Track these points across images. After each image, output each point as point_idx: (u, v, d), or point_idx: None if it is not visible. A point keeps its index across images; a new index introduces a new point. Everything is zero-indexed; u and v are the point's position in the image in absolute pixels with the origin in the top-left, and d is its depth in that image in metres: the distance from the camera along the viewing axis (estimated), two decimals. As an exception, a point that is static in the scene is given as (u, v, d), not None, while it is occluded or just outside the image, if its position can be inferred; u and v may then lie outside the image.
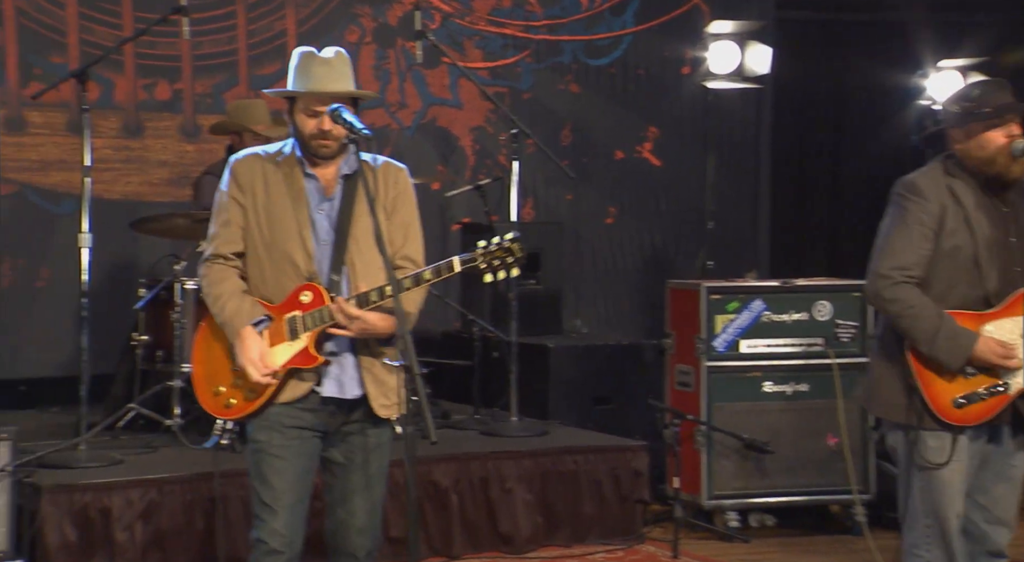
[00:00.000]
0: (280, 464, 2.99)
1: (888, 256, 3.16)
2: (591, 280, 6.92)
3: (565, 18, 6.78)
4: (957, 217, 3.17)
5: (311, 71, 2.99)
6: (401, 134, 6.44)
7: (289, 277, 3.01)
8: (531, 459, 4.69)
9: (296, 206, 3.01)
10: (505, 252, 2.99)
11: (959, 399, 3.14)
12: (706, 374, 4.95)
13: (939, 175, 3.24)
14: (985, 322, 3.20)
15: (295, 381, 3.01)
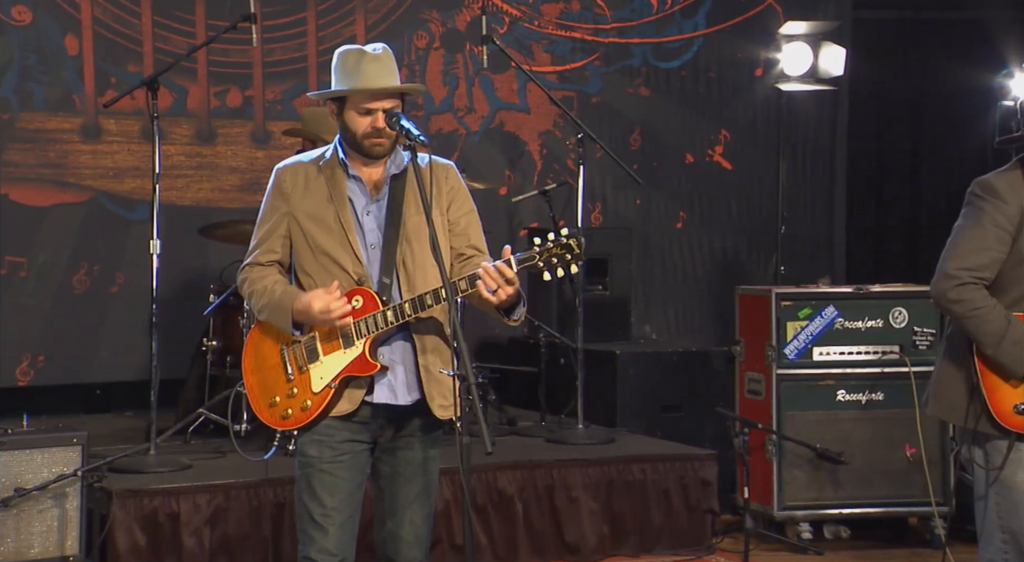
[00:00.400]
0: (331, 480, 2.94)
1: (957, 256, 3.05)
2: (661, 286, 6.84)
3: (635, 21, 6.72)
4: None
5: (361, 68, 2.92)
6: (469, 139, 6.44)
7: (339, 281, 2.93)
8: (597, 467, 4.64)
9: (340, 209, 2.96)
10: (564, 249, 2.85)
11: (1020, 406, 3.03)
12: (776, 382, 4.85)
13: (1019, 176, 3.11)
14: None
15: (350, 390, 2.95)
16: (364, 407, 2.96)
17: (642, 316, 6.76)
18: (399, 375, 2.98)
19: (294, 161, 3.05)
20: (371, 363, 2.93)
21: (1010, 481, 3.06)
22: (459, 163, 6.33)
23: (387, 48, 2.99)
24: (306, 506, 2.94)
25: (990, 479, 3.08)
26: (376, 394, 2.96)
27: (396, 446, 3.01)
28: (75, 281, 5.67)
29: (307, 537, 2.95)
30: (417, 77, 6.32)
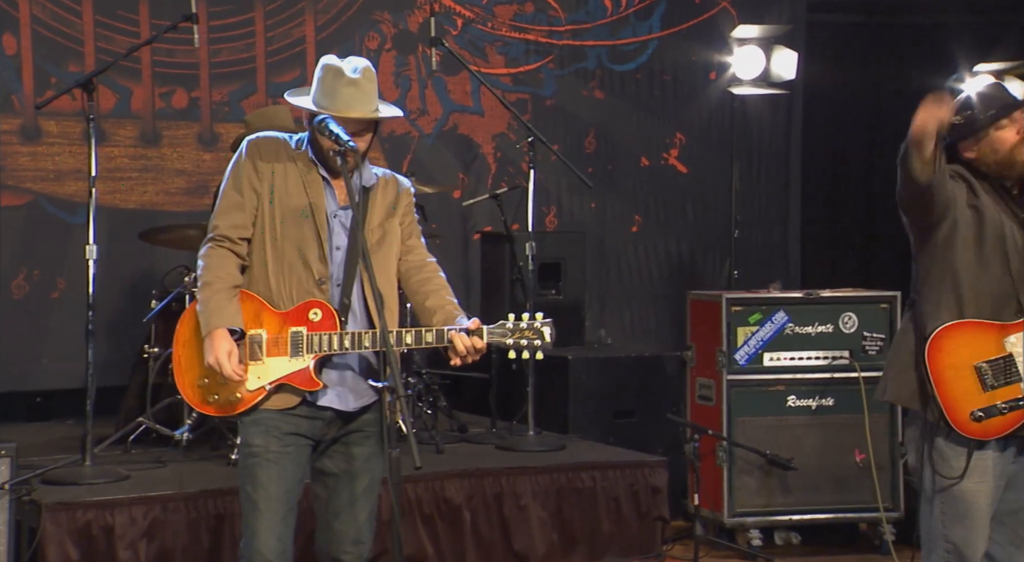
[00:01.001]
0: (277, 470, 2.93)
1: None
2: (616, 290, 6.80)
3: (589, 23, 6.68)
4: (977, 221, 3.06)
5: (339, 91, 2.94)
6: (421, 141, 6.37)
7: (299, 277, 2.95)
8: (546, 475, 4.59)
9: (316, 207, 2.96)
10: (535, 334, 2.97)
11: (977, 412, 3.02)
12: (727, 388, 4.82)
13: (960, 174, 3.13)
14: (1009, 333, 3.08)
15: (285, 393, 2.95)
16: (305, 405, 2.96)
17: (597, 321, 6.72)
18: (348, 381, 2.98)
19: (269, 137, 3.03)
20: (314, 381, 2.94)
21: (957, 490, 3.04)
22: (412, 166, 6.40)
23: (369, 69, 3.00)
24: (250, 496, 2.93)
25: (939, 485, 3.05)
26: (322, 399, 2.97)
27: (347, 441, 3.01)
28: (14, 287, 5.54)
29: (251, 530, 2.93)
30: (368, 79, 6.24)
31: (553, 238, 6.12)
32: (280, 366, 2.92)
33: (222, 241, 2.99)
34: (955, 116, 3.09)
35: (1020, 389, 3.06)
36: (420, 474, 4.39)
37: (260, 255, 2.98)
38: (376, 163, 6.22)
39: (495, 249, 5.95)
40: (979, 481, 3.04)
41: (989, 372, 3.04)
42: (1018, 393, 3.05)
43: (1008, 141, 3.07)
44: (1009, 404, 3.03)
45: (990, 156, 3.09)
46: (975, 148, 3.11)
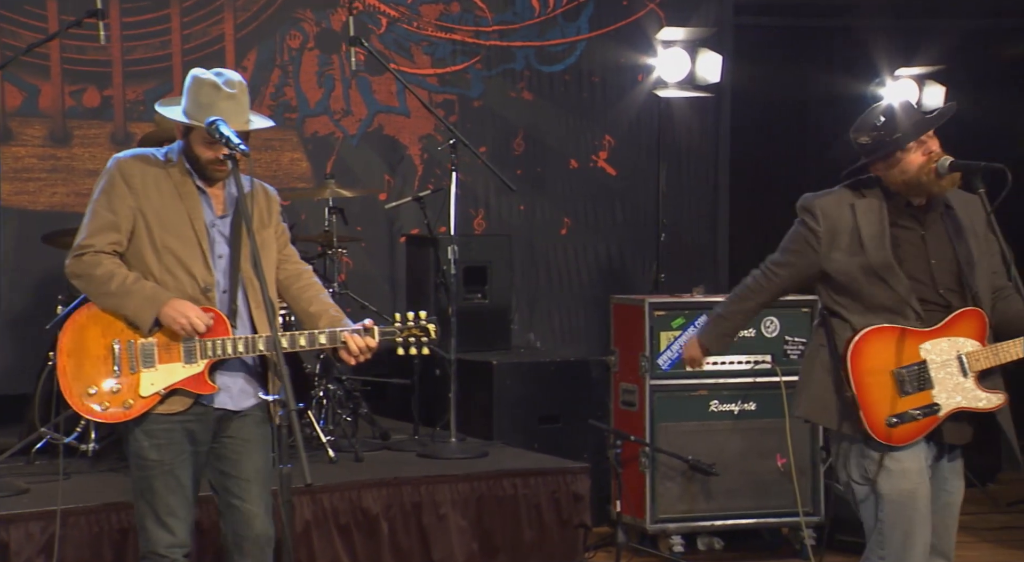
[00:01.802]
0: (174, 482, 3.03)
1: (766, 266, 3.21)
2: (546, 293, 6.74)
3: (517, 24, 6.61)
4: (850, 238, 3.09)
5: (216, 105, 3.03)
6: (346, 143, 6.25)
7: (183, 287, 3.03)
8: (467, 483, 4.50)
9: (194, 217, 3.06)
10: (422, 331, 3.22)
11: (892, 418, 3.03)
12: (650, 393, 4.78)
13: (845, 195, 3.16)
14: (924, 340, 3.09)
15: (178, 396, 3.04)
16: (198, 406, 3.06)
17: (527, 324, 6.65)
18: (239, 383, 3.09)
19: (137, 155, 3.12)
20: (208, 385, 3.04)
21: (882, 492, 3.04)
22: (336, 168, 6.28)
23: (242, 82, 3.13)
24: (151, 506, 3.03)
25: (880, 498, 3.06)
26: (214, 400, 3.07)
27: (231, 433, 3.12)
28: (-84, 291, 5.33)
29: (151, 534, 3.04)
30: (291, 78, 6.11)
31: (479, 241, 6.04)
32: (174, 372, 3.00)
33: (97, 253, 3.06)
34: (863, 136, 3.10)
35: (931, 395, 3.07)
36: (336, 483, 4.31)
37: (142, 267, 3.04)
38: (299, 164, 6.25)
39: (420, 252, 5.85)
40: (917, 482, 3.04)
41: (906, 378, 3.05)
42: (930, 399, 3.06)
43: (915, 163, 3.07)
44: (922, 410, 3.04)
45: (898, 177, 3.09)
46: (884, 170, 3.11)
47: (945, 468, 3.15)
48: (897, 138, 3.05)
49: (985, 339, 3.12)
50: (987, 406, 3.10)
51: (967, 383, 3.08)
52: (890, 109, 3.12)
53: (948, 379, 3.08)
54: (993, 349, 3.09)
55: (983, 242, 3.16)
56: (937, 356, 3.07)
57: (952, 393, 3.07)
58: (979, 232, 3.16)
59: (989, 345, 3.10)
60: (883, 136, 3.06)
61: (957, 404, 3.08)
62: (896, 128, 3.06)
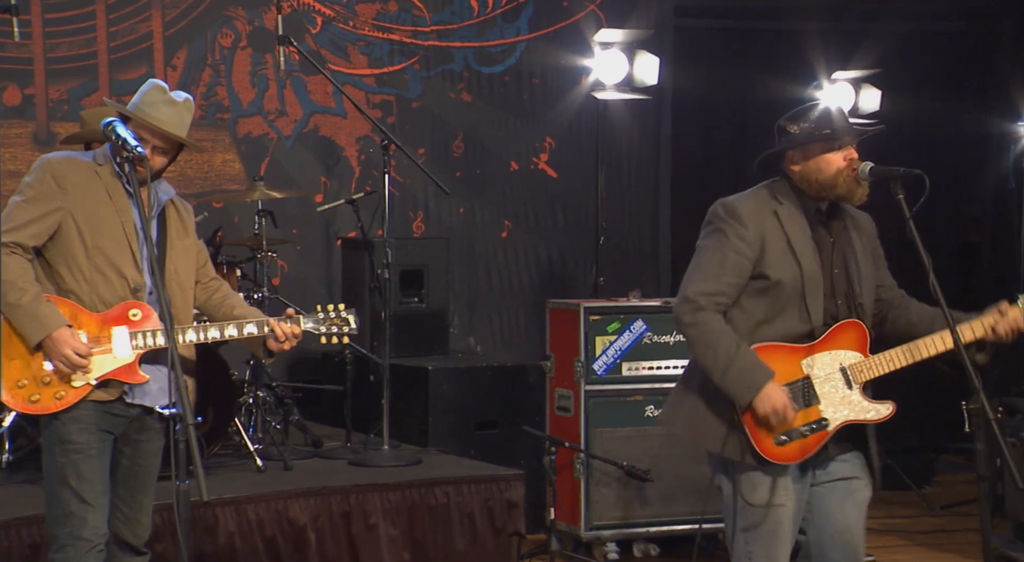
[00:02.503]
0: (98, 465, 3.10)
1: (696, 280, 3.02)
2: (486, 297, 6.66)
3: (455, 24, 6.53)
4: (780, 246, 3.02)
5: (159, 107, 3.14)
6: (280, 144, 6.13)
7: (113, 286, 3.10)
8: (397, 491, 4.41)
9: (124, 218, 3.12)
10: (342, 321, 3.32)
11: (781, 437, 2.97)
12: (585, 398, 4.73)
13: (765, 200, 3.09)
14: (803, 356, 3.04)
15: (108, 386, 3.12)
16: (120, 401, 3.13)
17: (467, 328, 6.57)
18: (157, 382, 3.15)
19: (67, 156, 3.18)
20: (139, 375, 3.13)
21: (762, 513, 3.00)
22: (270, 169, 6.15)
23: (190, 100, 3.25)
24: (75, 490, 3.07)
25: (745, 515, 3.01)
26: (134, 395, 3.15)
27: (138, 439, 3.19)
28: None
29: (76, 519, 3.08)
30: (222, 77, 5.97)
31: (416, 245, 5.95)
32: (106, 362, 3.09)
33: (15, 248, 3.07)
34: (794, 125, 3.05)
35: (819, 410, 3.02)
36: (262, 493, 4.19)
37: (74, 267, 3.10)
38: (232, 166, 6.11)
39: (355, 256, 5.75)
40: (784, 497, 2.99)
41: (791, 395, 3.00)
42: (817, 414, 3.01)
43: (834, 164, 3.03)
44: (810, 426, 2.99)
45: (814, 174, 3.04)
46: (801, 163, 3.06)
47: (846, 466, 3.07)
48: (826, 134, 3.01)
49: (867, 350, 3.07)
50: (875, 418, 3.05)
51: (853, 395, 3.03)
52: (827, 108, 3.09)
53: (833, 393, 3.02)
54: (876, 359, 3.04)
55: (874, 256, 3.14)
56: (820, 370, 3.01)
57: (839, 406, 3.03)
58: (868, 245, 3.14)
59: (872, 355, 3.05)
60: (813, 130, 3.02)
61: (845, 417, 3.03)
62: (828, 125, 3.03)
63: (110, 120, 3.06)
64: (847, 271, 3.08)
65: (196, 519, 4.00)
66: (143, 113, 3.12)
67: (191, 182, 5.91)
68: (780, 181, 3.10)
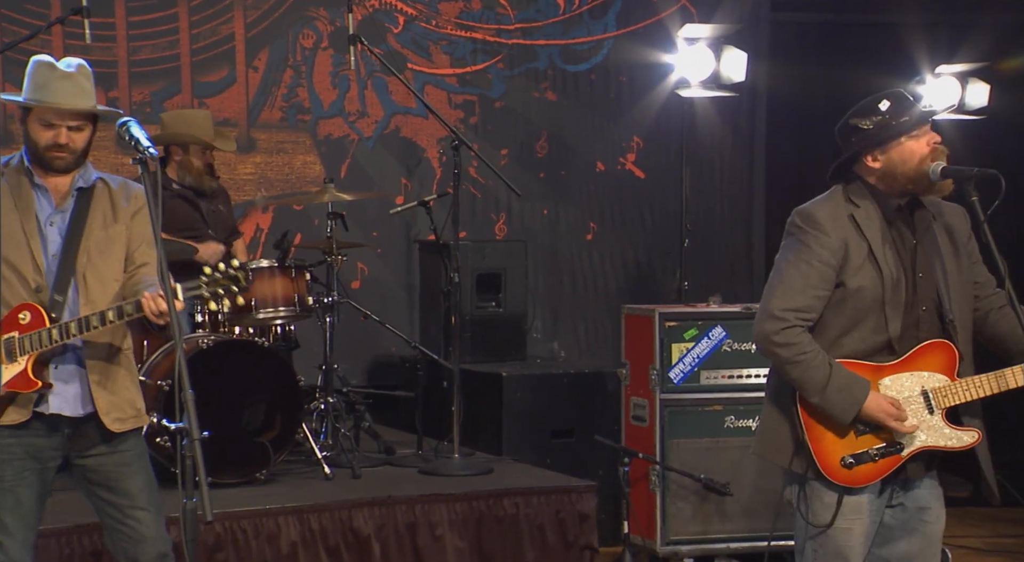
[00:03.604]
0: (13, 500, 2.94)
1: (782, 296, 2.83)
2: (570, 301, 6.50)
3: (540, 21, 6.39)
4: (861, 252, 2.83)
5: (51, 84, 2.96)
6: (361, 145, 6.08)
7: (15, 290, 2.96)
8: (465, 502, 4.29)
9: (25, 217, 2.97)
10: (230, 280, 2.93)
11: (847, 459, 2.80)
12: (660, 408, 4.53)
13: (840, 204, 2.89)
14: (883, 375, 2.84)
15: (15, 405, 2.95)
16: (38, 418, 2.96)
17: (550, 334, 6.42)
18: (72, 388, 2.98)
19: None
20: (32, 381, 2.94)
21: (831, 530, 2.83)
22: (351, 171, 6.11)
23: (84, 65, 3.03)
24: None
25: (810, 532, 2.85)
26: (49, 405, 2.96)
27: (95, 453, 3.01)
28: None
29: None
30: (303, 78, 5.95)
31: (494, 247, 5.82)
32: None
33: None
34: (865, 121, 2.84)
35: (892, 435, 2.82)
36: (326, 503, 4.12)
37: None
38: (312, 168, 6.09)
39: (431, 259, 5.66)
40: (852, 520, 2.82)
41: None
42: (891, 438, 2.83)
43: (918, 152, 2.84)
44: (880, 451, 2.81)
45: (898, 167, 2.85)
46: (882, 157, 2.86)
47: (921, 494, 2.90)
48: (904, 122, 2.82)
49: (954, 372, 2.86)
50: (957, 445, 2.85)
51: (934, 420, 2.83)
52: (896, 94, 2.89)
53: (912, 417, 2.82)
54: (963, 384, 2.83)
55: (963, 257, 2.92)
56: (898, 392, 2.83)
57: (916, 431, 2.83)
58: (963, 245, 2.92)
59: (960, 379, 2.85)
60: (888, 120, 2.81)
61: (923, 443, 2.84)
62: (905, 112, 2.83)
63: (124, 120, 2.93)
64: (932, 275, 2.87)
65: (258, 528, 3.95)
66: (40, 97, 2.93)
67: (272, 184, 5.90)
68: (854, 183, 2.91)
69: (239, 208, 5.75)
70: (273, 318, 4.60)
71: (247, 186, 5.87)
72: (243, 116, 5.81)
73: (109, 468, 3.01)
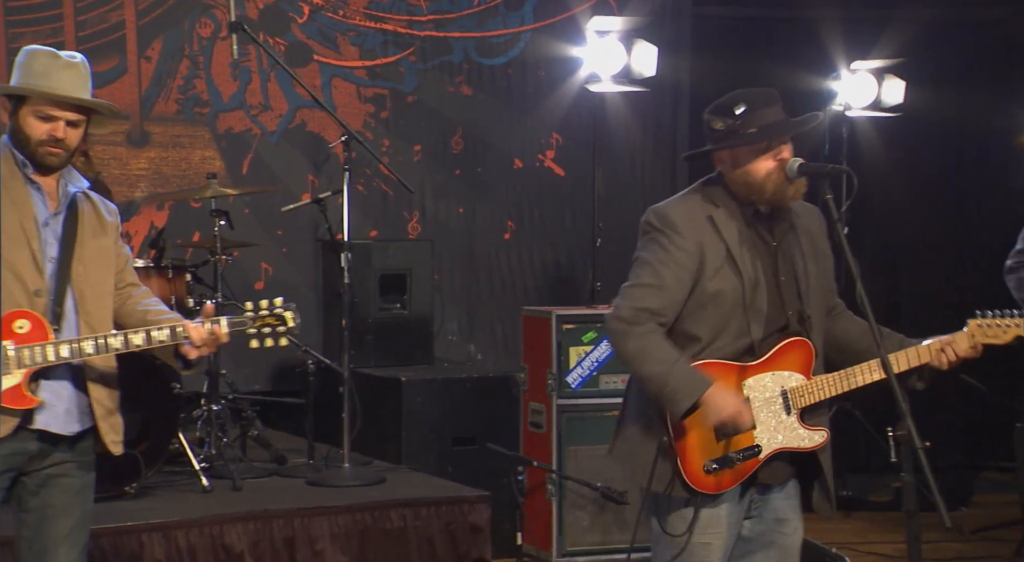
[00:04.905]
0: None
1: (636, 297, 2.72)
2: (487, 302, 6.29)
3: (454, 13, 6.17)
4: (718, 255, 2.70)
5: (53, 73, 2.76)
6: (264, 140, 5.83)
7: (10, 293, 2.71)
8: (348, 515, 4.08)
9: (23, 215, 2.74)
10: (277, 319, 2.84)
11: (711, 464, 2.67)
12: (557, 414, 4.35)
13: (698, 204, 2.75)
14: (747, 376, 2.72)
15: (2, 416, 2.70)
16: (22, 432, 2.72)
17: (467, 336, 6.21)
18: (63, 403, 2.77)
19: None
20: (27, 397, 2.71)
21: (689, 544, 2.71)
22: (253, 167, 5.86)
23: (84, 60, 2.87)
24: None
25: (668, 548, 2.73)
26: (36, 421, 2.74)
27: (51, 474, 2.78)
28: None
29: None
30: (201, 70, 5.69)
31: (398, 247, 5.61)
32: None
33: None
34: (718, 121, 2.67)
35: (753, 437, 2.70)
36: (196, 518, 3.88)
37: None
38: (211, 163, 5.82)
39: (331, 259, 5.42)
40: (711, 534, 2.70)
41: None
42: (751, 440, 2.70)
43: (763, 169, 2.69)
44: (743, 453, 2.69)
45: (741, 177, 2.71)
46: (730, 164, 2.73)
47: (779, 506, 2.78)
48: (752, 134, 2.66)
49: (810, 371, 2.76)
50: (809, 445, 2.76)
51: (790, 421, 2.73)
52: (753, 99, 2.72)
53: (771, 418, 2.72)
54: (817, 383, 2.73)
55: (820, 257, 2.81)
56: (760, 393, 2.72)
57: (774, 433, 2.73)
58: (818, 246, 2.81)
59: (813, 378, 2.75)
60: (738, 128, 2.67)
61: (779, 444, 2.74)
62: (754, 123, 2.66)
63: None
64: (795, 278, 2.75)
65: (119, 546, 3.71)
66: (43, 85, 2.71)
67: (168, 180, 5.64)
68: (715, 180, 2.78)
69: (132, 206, 5.50)
70: (146, 321, 4.33)
71: (141, 182, 5.61)
72: (135, 108, 5.54)
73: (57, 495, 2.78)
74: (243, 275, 5.75)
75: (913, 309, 6.73)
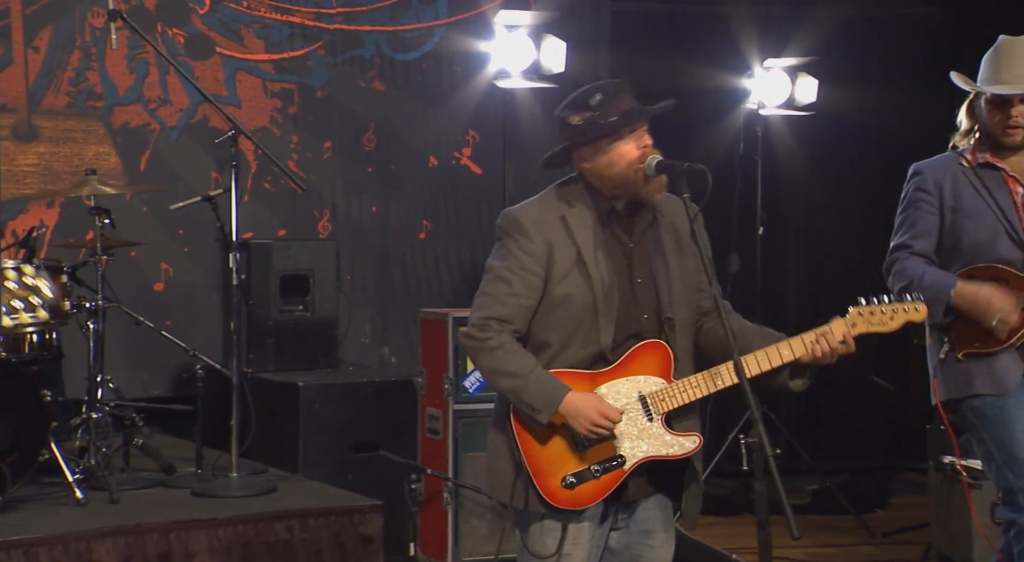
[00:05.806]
0: None
1: (485, 305, 2.62)
2: (402, 304, 6.10)
3: (365, 6, 5.99)
4: (568, 257, 2.58)
5: None
6: (164, 135, 5.60)
7: None
8: (230, 527, 3.87)
9: None
10: None
11: (568, 478, 2.55)
12: (454, 419, 4.17)
13: (552, 205, 2.63)
14: (599, 383, 2.58)
15: None
16: None
17: (381, 338, 6.02)
18: None
19: None
20: None
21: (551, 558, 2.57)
22: (151, 163, 5.62)
23: None
24: None
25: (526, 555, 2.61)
26: None
27: None
28: None
29: None
30: (94, 61, 5.45)
31: (301, 247, 5.41)
32: None
33: None
34: (575, 116, 2.53)
35: (614, 447, 2.55)
36: (61, 534, 3.65)
37: None
38: (107, 159, 5.56)
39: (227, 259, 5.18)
40: (572, 545, 2.58)
41: None
42: (612, 451, 2.55)
43: (627, 156, 2.57)
44: (602, 465, 2.54)
45: (605, 169, 2.59)
46: (591, 158, 2.60)
47: (647, 517, 2.67)
48: (612, 122, 2.55)
49: (670, 374, 2.62)
50: (680, 452, 2.62)
51: (654, 428, 2.59)
52: (608, 89, 2.61)
53: (631, 426, 2.59)
54: (679, 386, 2.60)
55: (688, 255, 2.67)
56: (616, 400, 2.58)
57: (637, 441, 2.59)
58: (684, 245, 2.68)
59: (676, 381, 2.61)
60: (597, 118, 2.55)
61: (645, 453, 2.59)
62: (612, 111, 2.55)
63: None
64: (651, 280, 2.62)
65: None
66: None
67: (59, 177, 5.38)
68: (573, 179, 2.66)
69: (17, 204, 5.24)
70: (17, 326, 4.11)
71: (29, 178, 5.35)
72: (22, 101, 5.29)
73: None
74: (141, 276, 5.52)
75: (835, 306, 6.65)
